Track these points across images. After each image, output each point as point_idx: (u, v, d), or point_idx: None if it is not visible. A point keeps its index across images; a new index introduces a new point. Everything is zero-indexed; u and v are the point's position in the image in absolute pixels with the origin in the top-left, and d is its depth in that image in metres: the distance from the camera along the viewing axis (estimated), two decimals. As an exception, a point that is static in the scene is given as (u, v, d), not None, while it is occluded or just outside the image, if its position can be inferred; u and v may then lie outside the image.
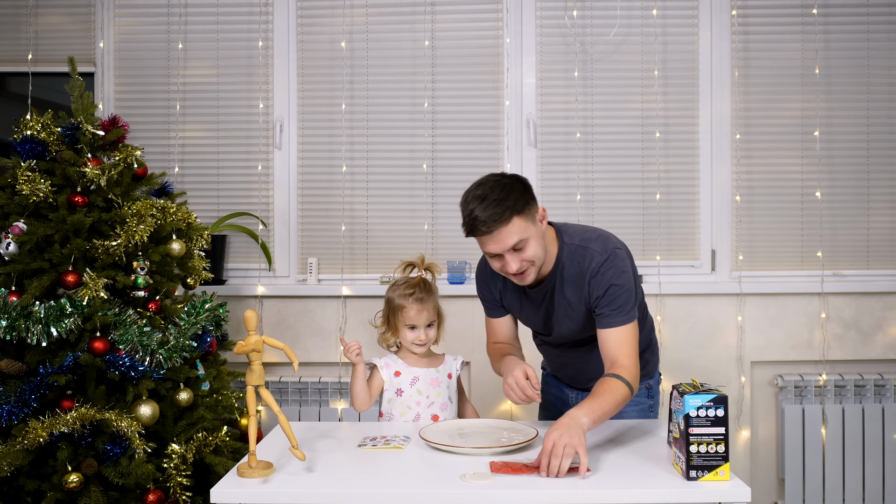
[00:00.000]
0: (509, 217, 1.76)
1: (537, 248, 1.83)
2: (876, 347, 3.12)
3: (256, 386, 1.64)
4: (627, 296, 1.86)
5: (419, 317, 2.04)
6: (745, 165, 3.18)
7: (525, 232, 1.79)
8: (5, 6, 3.26)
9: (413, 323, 2.04)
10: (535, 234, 1.82)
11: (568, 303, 1.93)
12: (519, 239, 1.79)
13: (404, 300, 2.04)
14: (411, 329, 2.05)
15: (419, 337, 2.05)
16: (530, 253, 1.82)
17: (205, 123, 3.26)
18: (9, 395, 2.16)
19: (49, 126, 2.40)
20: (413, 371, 2.07)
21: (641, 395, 2.13)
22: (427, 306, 2.05)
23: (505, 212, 1.76)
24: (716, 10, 3.16)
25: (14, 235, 2.28)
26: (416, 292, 2.04)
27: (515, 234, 1.78)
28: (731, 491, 1.49)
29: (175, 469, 2.20)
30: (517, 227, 1.78)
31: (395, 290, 2.08)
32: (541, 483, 1.53)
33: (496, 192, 1.78)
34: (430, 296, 2.07)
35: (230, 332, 2.97)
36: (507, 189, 1.79)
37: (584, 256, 1.89)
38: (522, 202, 1.79)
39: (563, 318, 1.96)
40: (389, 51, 3.23)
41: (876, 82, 3.17)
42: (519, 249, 1.81)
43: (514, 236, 1.78)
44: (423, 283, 2.07)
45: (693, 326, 3.12)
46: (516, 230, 1.78)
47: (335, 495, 1.52)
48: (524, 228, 1.79)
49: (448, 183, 3.21)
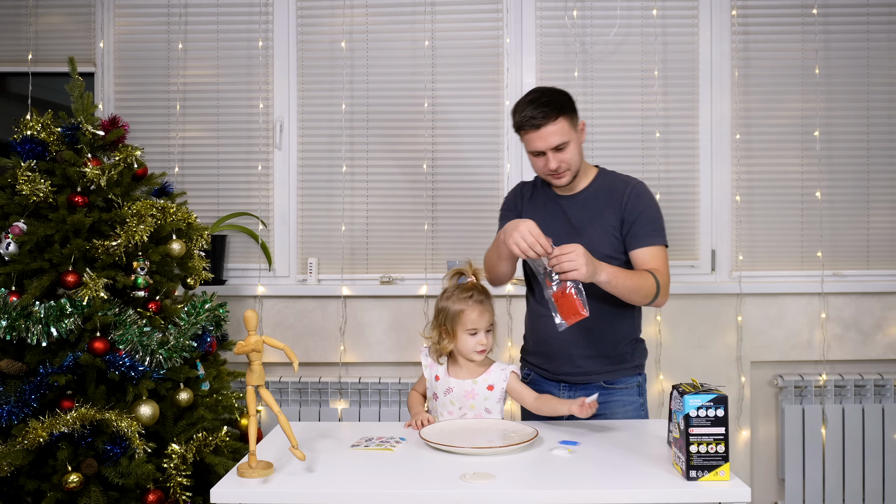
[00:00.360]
0: (556, 115, 1.98)
1: (575, 154, 2.05)
2: (876, 347, 3.12)
3: (256, 386, 1.64)
4: (661, 220, 2.08)
5: (481, 319, 1.95)
6: (745, 165, 3.18)
7: (567, 134, 2.01)
8: (5, 6, 3.26)
9: (475, 327, 1.95)
10: (575, 141, 2.05)
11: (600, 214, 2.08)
12: (561, 140, 2.00)
13: (464, 304, 1.95)
14: (472, 334, 1.96)
15: (481, 341, 1.96)
16: (568, 156, 2.03)
17: (205, 123, 3.26)
18: (9, 395, 2.16)
19: (49, 126, 2.40)
20: (449, 381, 2.00)
21: (633, 393, 2.14)
22: (487, 308, 1.98)
23: (553, 111, 1.98)
24: (716, 11, 3.16)
25: (14, 235, 2.28)
26: (475, 294, 1.97)
27: (559, 133, 1.99)
28: (731, 491, 1.49)
29: (175, 469, 2.20)
30: (561, 126, 1.99)
31: (450, 297, 1.99)
32: (541, 483, 1.53)
33: (546, 96, 2.01)
34: (488, 298, 2.01)
35: (230, 332, 2.97)
36: (555, 95, 2.03)
37: (622, 179, 2.13)
38: (569, 107, 2.04)
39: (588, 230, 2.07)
40: (389, 51, 3.23)
41: (876, 82, 3.17)
42: (560, 150, 2.01)
43: (558, 136, 1.99)
44: (479, 286, 2.01)
45: (693, 326, 3.12)
46: (560, 130, 1.99)
47: (335, 495, 1.52)
48: (567, 131, 2.01)
49: (448, 183, 3.21)
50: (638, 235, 2.04)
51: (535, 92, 2.06)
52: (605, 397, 2.08)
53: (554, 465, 1.65)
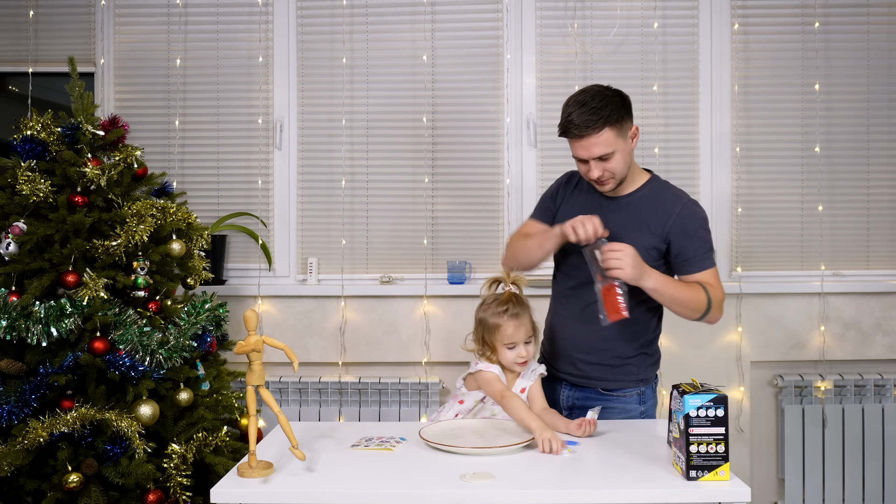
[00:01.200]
0: (601, 126, 1.87)
1: (621, 163, 1.93)
2: (876, 347, 3.12)
3: (256, 386, 1.64)
4: (711, 243, 2.00)
5: (517, 333, 1.92)
6: (744, 165, 3.18)
7: (613, 145, 1.89)
8: (5, 6, 3.26)
9: (512, 341, 1.93)
10: (623, 149, 1.92)
11: (643, 223, 1.99)
12: (605, 151, 1.89)
13: (499, 318, 1.92)
14: (511, 348, 1.94)
15: (520, 354, 1.94)
16: (613, 165, 1.92)
17: (205, 124, 3.26)
18: (9, 395, 2.16)
19: (49, 126, 2.40)
20: None
21: (632, 401, 2.10)
22: (523, 321, 1.94)
23: (599, 121, 1.86)
24: (716, 10, 3.16)
25: (14, 235, 2.28)
26: (511, 308, 1.93)
27: (603, 144, 1.88)
28: (731, 491, 1.49)
29: (175, 469, 2.20)
30: (606, 137, 1.88)
31: (487, 309, 1.96)
32: (541, 483, 1.53)
33: (596, 100, 1.88)
34: (525, 309, 1.96)
35: (230, 332, 2.97)
36: (606, 100, 1.89)
37: (673, 194, 2.02)
38: (618, 115, 1.89)
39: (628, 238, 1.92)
40: (389, 51, 3.23)
41: (876, 82, 3.17)
42: (604, 159, 1.91)
43: (602, 146, 1.89)
44: (515, 297, 1.96)
45: (693, 326, 3.09)
46: (605, 141, 1.88)
47: (335, 495, 1.52)
48: (613, 141, 1.89)
49: (448, 183, 3.21)
50: (690, 261, 1.97)
51: (585, 93, 1.91)
52: (603, 403, 2.06)
53: (554, 465, 1.65)
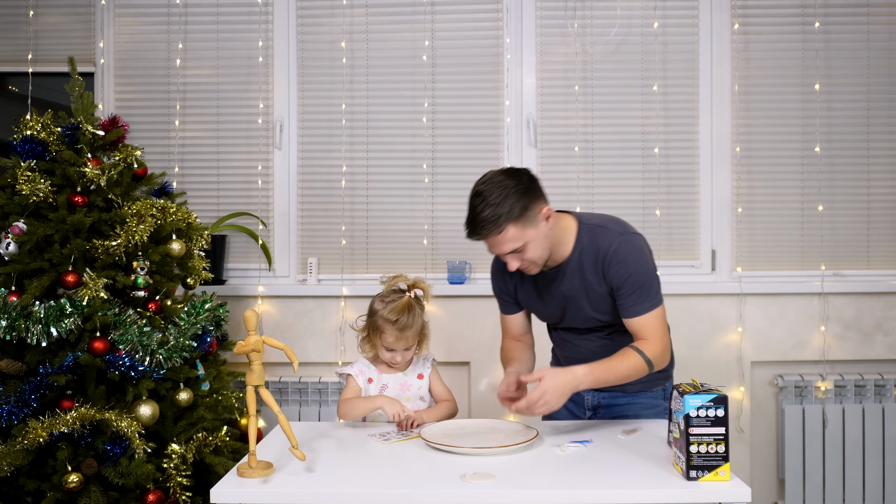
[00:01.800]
0: (503, 224, 1.77)
1: (537, 250, 1.84)
2: (876, 347, 3.11)
3: (256, 386, 1.64)
4: (650, 281, 1.88)
5: (397, 343, 2.01)
6: (744, 165, 3.18)
7: (521, 237, 1.80)
8: (5, 6, 3.26)
9: (391, 348, 2.02)
10: (535, 237, 1.82)
11: (588, 286, 1.92)
12: (515, 245, 1.81)
13: (385, 325, 1.99)
14: (388, 350, 2.03)
15: (394, 359, 2.04)
16: (529, 255, 1.84)
17: (205, 123, 3.26)
18: (9, 395, 2.16)
19: (49, 126, 2.40)
20: (383, 378, 2.08)
21: (657, 396, 2.10)
22: (406, 334, 1.99)
23: (499, 219, 1.76)
24: (716, 10, 3.16)
25: (14, 235, 2.28)
26: (401, 320, 1.97)
27: (510, 241, 1.80)
28: (731, 491, 1.49)
29: (175, 469, 2.20)
30: (511, 234, 1.79)
31: (383, 307, 2.00)
32: (541, 483, 1.53)
33: (495, 194, 1.77)
34: (416, 321, 2.00)
35: (230, 332, 2.97)
36: (506, 192, 1.77)
37: (604, 236, 1.89)
38: (520, 206, 1.78)
39: (583, 300, 1.94)
40: (389, 51, 3.23)
41: (876, 82, 3.17)
42: (518, 251, 1.83)
43: (509, 243, 1.80)
44: (410, 308, 1.99)
45: (693, 326, 3.12)
46: (510, 237, 1.79)
47: (335, 495, 1.52)
48: (520, 234, 1.80)
49: (448, 183, 3.21)
50: (624, 306, 1.88)
51: (487, 183, 1.80)
52: (630, 399, 2.07)
53: (554, 465, 1.65)
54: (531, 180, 1.84)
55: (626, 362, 1.84)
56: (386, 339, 2.01)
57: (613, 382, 1.84)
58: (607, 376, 1.82)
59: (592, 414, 2.12)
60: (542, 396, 1.74)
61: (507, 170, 1.85)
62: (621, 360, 1.84)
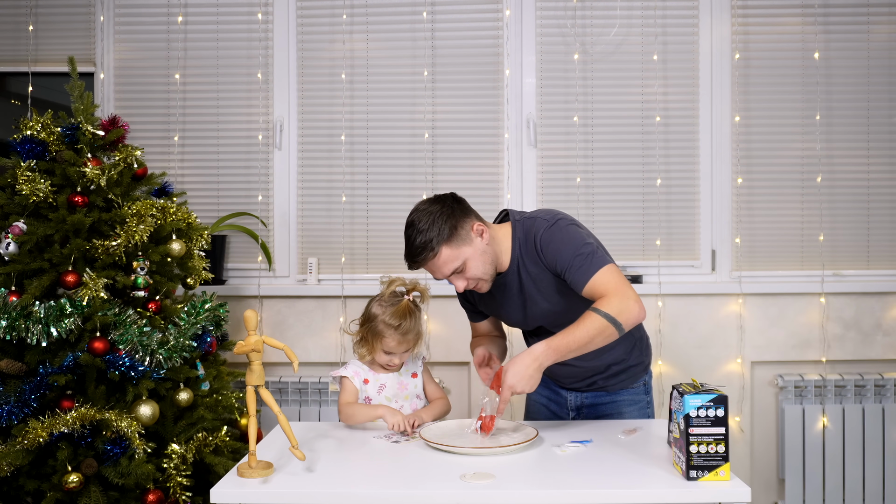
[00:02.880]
0: (436, 248, 1.82)
1: (479, 265, 1.87)
2: (876, 347, 3.12)
3: (256, 386, 1.64)
4: (584, 248, 1.82)
5: (398, 347, 2.01)
6: (745, 165, 3.18)
7: (457, 257, 1.84)
8: (5, 6, 3.26)
9: (391, 352, 2.02)
10: (473, 254, 1.86)
11: (534, 277, 1.92)
12: (454, 266, 1.85)
13: (387, 329, 1.98)
14: (386, 354, 2.03)
15: (392, 361, 2.04)
16: (472, 272, 1.87)
17: (205, 123, 3.26)
18: (9, 395, 2.16)
19: (49, 126, 2.40)
20: (380, 379, 2.08)
21: (639, 392, 2.13)
22: (408, 338, 2.01)
23: (430, 242, 1.82)
24: (716, 10, 3.16)
25: (14, 235, 2.28)
26: (403, 325, 1.98)
27: (447, 262, 1.84)
28: (731, 491, 1.49)
29: (175, 469, 2.20)
30: (446, 255, 1.83)
31: (383, 312, 2.00)
32: (541, 483, 1.53)
33: (423, 221, 1.84)
34: (416, 324, 2.01)
35: (230, 332, 2.97)
36: (432, 216, 1.84)
37: (532, 225, 1.91)
38: (448, 227, 1.83)
39: (535, 294, 1.94)
40: (389, 51, 3.23)
41: (876, 81, 3.17)
42: (460, 272, 1.86)
43: (448, 264, 1.85)
44: (410, 312, 2.00)
45: (693, 326, 3.12)
46: (446, 259, 1.84)
47: (335, 495, 1.52)
48: (455, 254, 1.84)
49: (448, 183, 3.20)
50: (572, 281, 1.82)
51: (410, 227, 1.86)
52: (612, 397, 2.10)
53: (554, 465, 1.65)
54: (456, 201, 1.90)
55: (584, 325, 1.74)
56: (387, 343, 2.00)
57: (579, 349, 1.75)
58: (568, 343, 1.73)
59: (576, 414, 2.14)
60: (510, 391, 1.73)
61: (432, 197, 1.92)
62: (578, 324, 1.75)
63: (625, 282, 1.81)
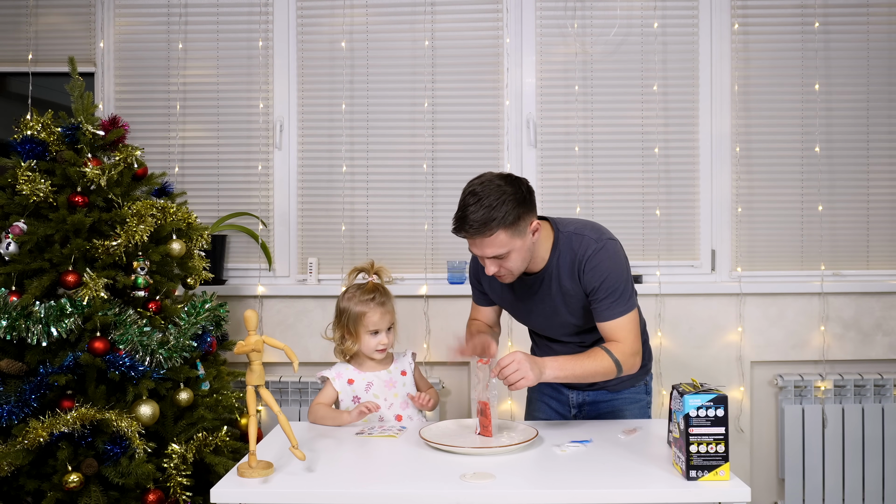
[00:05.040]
0: (494, 229, 1.77)
1: (518, 261, 1.86)
2: (876, 347, 3.12)
3: (256, 386, 1.64)
4: (624, 286, 1.90)
5: (382, 320, 2.05)
6: (744, 165, 3.18)
7: (507, 245, 1.81)
8: (5, 6, 3.26)
9: (376, 328, 2.05)
10: (520, 248, 1.84)
11: (565, 291, 1.94)
12: (499, 251, 1.82)
13: (365, 306, 2.04)
14: (374, 334, 2.05)
15: (381, 341, 2.06)
16: (510, 264, 1.86)
17: (205, 123, 3.26)
18: (9, 395, 2.16)
19: (49, 126, 2.40)
20: (366, 376, 2.09)
21: (640, 391, 2.15)
22: (388, 309, 2.07)
23: (492, 222, 1.76)
24: (716, 10, 3.16)
25: (14, 235, 2.28)
26: (377, 297, 2.05)
27: (497, 246, 1.81)
28: (731, 491, 1.49)
29: (175, 469, 2.20)
30: (500, 240, 1.80)
31: (352, 298, 2.07)
32: (541, 483, 1.53)
33: (492, 197, 1.77)
34: (389, 298, 2.09)
35: (230, 332, 2.97)
36: (503, 197, 1.78)
37: (580, 243, 1.91)
38: (514, 215, 1.79)
39: (560, 307, 1.97)
40: (389, 51, 3.23)
41: (876, 82, 3.17)
42: (499, 258, 1.84)
43: (495, 248, 1.81)
44: (379, 287, 2.09)
45: (693, 326, 3.12)
46: (498, 243, 1.80)
47: (335, 495, 1.52)
48: (507, 242, 1.81)
49: (448, 183, 3.21)
50: (598, 310, 1.90)
51: (485, 185, 1.80)
52: (613, 396, 2.12)
53: (554, 465, 1.65)
54: (529, 192, 1.86)
55: (593, 359, 1.86)
56: (370, 319, 2.03)
57: (579, 378, 1.86)
58: (573, 368, 1.84)
59: (577, 412, 2.16)
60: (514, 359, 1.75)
61: (507, 175, 1.85)
62: (589, 356, 1.87)
63: (638, 333, 1.94)
